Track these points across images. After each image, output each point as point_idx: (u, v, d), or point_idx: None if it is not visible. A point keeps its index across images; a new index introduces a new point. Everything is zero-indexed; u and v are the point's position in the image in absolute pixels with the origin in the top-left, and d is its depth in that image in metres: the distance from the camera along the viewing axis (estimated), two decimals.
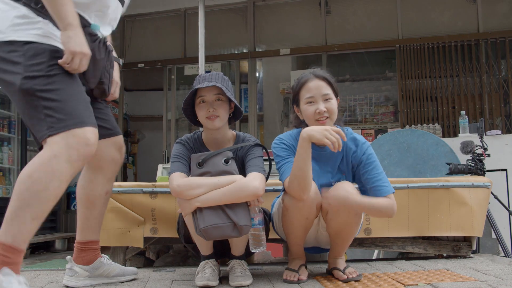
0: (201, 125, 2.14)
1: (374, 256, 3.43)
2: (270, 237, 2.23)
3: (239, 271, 2.00)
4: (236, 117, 2.18)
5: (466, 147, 3.13)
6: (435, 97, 5.62)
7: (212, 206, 1.85)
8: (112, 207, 2.45)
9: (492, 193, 2.93)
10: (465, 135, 3.94)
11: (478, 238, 2.77)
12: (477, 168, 3.01)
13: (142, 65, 6.52)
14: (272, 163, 2.09)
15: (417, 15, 5.86)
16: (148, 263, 3.15)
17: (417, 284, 1.89)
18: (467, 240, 2.62)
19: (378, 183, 1.96)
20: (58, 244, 5.60)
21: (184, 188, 1.89)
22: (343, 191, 1.86)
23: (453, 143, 3.54)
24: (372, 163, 2.00)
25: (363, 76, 6.25)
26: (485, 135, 3.56)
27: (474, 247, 2.64)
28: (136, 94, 7.99)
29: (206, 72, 2.12)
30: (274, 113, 6.34)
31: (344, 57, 6.23)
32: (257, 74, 6.43)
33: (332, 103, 1.98)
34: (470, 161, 3.07)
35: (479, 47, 5.58)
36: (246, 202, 1.89)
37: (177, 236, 2.27)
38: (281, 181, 1.99)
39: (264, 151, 2.10)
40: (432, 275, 2.06)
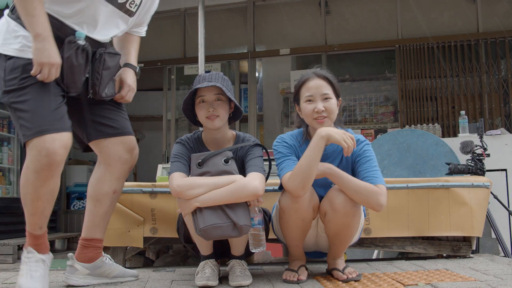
0: (201, 125, 2.14)
1: (374, 256, 3.43)
2: (270, 237, 2.23)
3: (239, 271, 1.99)
4: (236, 117, 2.17)
5: (466, 147, 3.13)
6: (435, 97, 5.62)
7: (212, 206, 1.84)
8: None
9: (492, 193, 2.93)
10: (465, 135, 3.94)
11: (478, 238, 2.77)
12: (477, 168, 3.01)
13: (142, 65, 6.50)
14: (272, 163, 2.09)
15: (417, 15, 5.85)
16: (148, 263, 3.15)
17: (417, 284, 1.89)
18: (467, 240, 2.62)
19: (369, 174, 1.96)
20: (58, 244, 5.59)
21: (184, 188, 1.89)
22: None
23: (453, 143, 3.54)
24: (367, 158, 2.00)
25: (363, 76, 6.25)
26: (485, 135, 3.56)
27: (474, 247, 2.64)
28: (136, 94, 7.84)
29: (206, 72, 2.12)
30: (274, 113, 6.34)
31: (344, 57, 6.23)
32: (257, 74, 6.42)
33: (331, 103, 1.98)
34: (470, 161, 3.07)
35: (479, 47, 5.58)
36: (246, 202, 1.89)
37: (177, 236, 2.27)
38: (279, 176, 1.99)
39: (264, 151, 2.10)
40: (432, 275, 2.06)
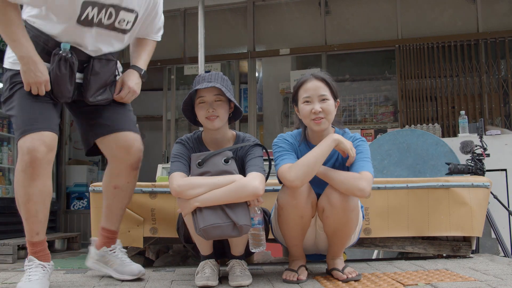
0: (201, 125, 2.14)
1: (374, 256, 3.43)
2: (270, 237, 2.23)
3: (239, 271, 1.99)
4: (236, 117, 2.18)
5: (466, 147, 3.13)
6: (435, 97, 5.62)
7: (212, 206, 1.85)
8: None
9: (492, 193, 2.93)
10: (465, 135, 3.94)
11: (478, 238, 2.77)
12: (477, 168, 3.01)
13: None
14: (272, 163, 2.09)
15: (417, 15, 5.85)
16: (148, 263, 3.15)
17: (417, 284, 1.89)
18: (467, 240, 2.62)
19: (356, 163, 1.99)
20: (58, 244, 5.59)
21: (184, 188, 1.89)
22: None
23: (453, 143, 3.54)
24: (359, 151, 2.01)
25: (363, 76, 6.25)
26: (485, 135, 3.56)
27: (474, 247, 2.64)
28: None
29: (206, 72, 2.12)
30: (274, 113, 6.34)
31: (344, 57, 6.23)
32: (257, 74, 6.42)
33: (329, 104, 2.01)
34: (470, 161, 3.06)
35: (479, 47, 5.58)
36: (246, 202, 1.89)
37: (177, 236, 2.27)
38: (277, 167, 2.00)
39: (264, 151, 2.10)
40: (432, 275, 2.07)
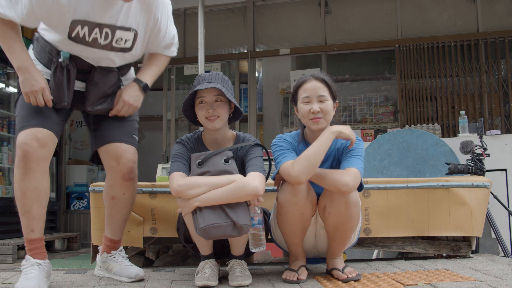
0: (201, 125, 2.14)
1: (374, 256, 3.43)
2: (270, 237, 2.23)
3: (239, 271, 1.99)
4: (236, 117, 2.18)
5: (466, 147, 3.13)
6: (435, 97, 5.62)
7: (212, 206, 1.85)
8: None
9: (492, 193, 2.93)
10: (465, 135, 3.94)
11: (478, 238, 2.77)
12: (477, 168, 3.01)
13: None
14: (272, 163, 2.10)
15: (417, 15, 5.86)
16: (148, 263, 3.15)
17: (417, 284, 1.89)
18: (467, 240, 2.62)
19: (345, 160, 2.01)
20: (58, 244, 5.59)
21: (184, 188, 1.89)
22: None
23: (453, 143, 3.54)
24: (353, 150, 2.02)
25: (363, 76, 6.25)
26: (485, 135, 3.56)
27: (474, 247, 2.64)
28: None
29: (206, 72, 2.12)
30: (274, 113, 6.34)
31: (344, 57, 6.23)
32: (257, 74, 6.42)
33: (327, 104, 2.04)
34: (470, 161, 3.06)
35: (479, 47, 5.58)
36: (246, 202, 1.89)
37: (177, 236, 2.27)
38: (277, 166, 2.01)
39: (264, 151, 2.10)
40: (432, 275, 2.06)
